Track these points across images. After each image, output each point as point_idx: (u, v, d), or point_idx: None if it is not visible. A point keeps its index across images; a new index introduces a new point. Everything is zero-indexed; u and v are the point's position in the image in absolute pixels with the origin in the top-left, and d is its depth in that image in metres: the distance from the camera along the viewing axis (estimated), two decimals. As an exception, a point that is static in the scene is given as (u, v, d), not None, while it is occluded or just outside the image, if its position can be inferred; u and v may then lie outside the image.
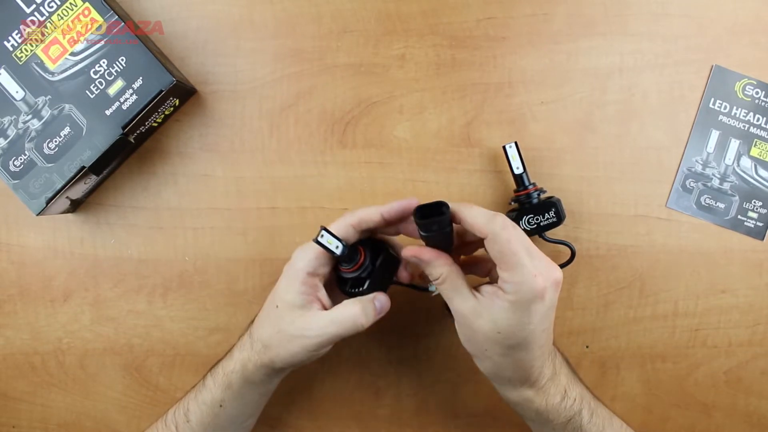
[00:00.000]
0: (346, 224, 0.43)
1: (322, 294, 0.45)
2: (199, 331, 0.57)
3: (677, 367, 0.56)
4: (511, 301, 0.39)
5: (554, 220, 0.53)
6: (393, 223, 0.44)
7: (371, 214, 0.43)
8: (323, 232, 0.41)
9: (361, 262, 0.44)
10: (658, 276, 0.56)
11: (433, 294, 0.49)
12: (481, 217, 0.40)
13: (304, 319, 0.43)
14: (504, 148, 0.53)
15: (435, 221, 0.39)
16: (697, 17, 0.56)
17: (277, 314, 0.44)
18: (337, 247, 0.42)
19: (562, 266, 0.55)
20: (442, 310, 0.56)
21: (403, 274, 0.48)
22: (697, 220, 0.56)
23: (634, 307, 0.56)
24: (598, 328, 0.56)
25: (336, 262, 0.45)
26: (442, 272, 0.42)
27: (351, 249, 0.43)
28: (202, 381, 0.48)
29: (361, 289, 0.45)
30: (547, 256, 0.41)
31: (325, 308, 0.45)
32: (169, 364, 0.57)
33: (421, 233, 0.42)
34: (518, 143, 0.52)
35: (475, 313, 0.41)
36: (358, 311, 0.43)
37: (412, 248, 0.43)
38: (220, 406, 0.46)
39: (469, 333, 0.42)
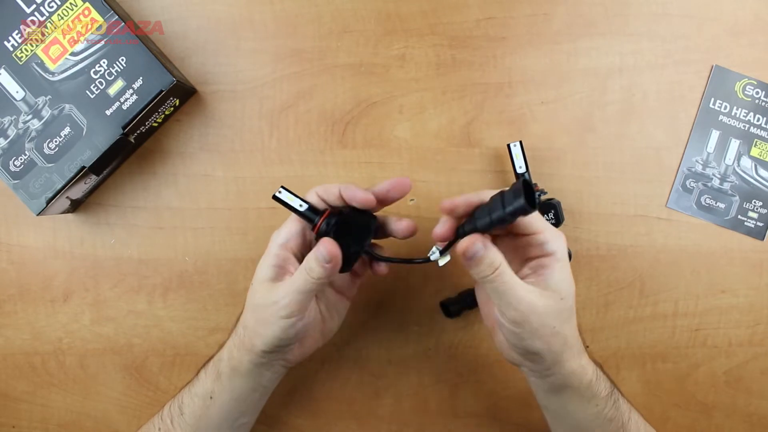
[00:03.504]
0: (312, 191, 0.45)
1: (294, 267, 0.45)
2: (199, 331, 0.57)
3: (677, 367, 0.56)
4: (561, 260, 0.42)
5: (553, 222, 0.53)
6: (347, 202, 0.44)
7: (331, 188, 0.45)
8: (281, 189, 0.44)
9: (326, 216, 0.44)
10: (658, 276, 0.56)
11: (439, 265, 0.44)
12: None
13: (275, 289, 0.43)
14: (508, 146, 0.53)
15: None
16: (697, 17, 0.56)
17: (252, 292, 0.45)
18: (300, 205, 0.44)
19: None
20: (440, 312, 0.56)
21: (399, 225, 0.45)
22: (697, 220, 0.56)
23: (634, 307, 0.56)
24: (598, 328, 0.56)
25: (314, 233, 0.45)
26: (500, 260, 0.40)
27: (319, 211, 0.44)
28: (196, 374, 0.48)
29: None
30: None
31: None
32: (169, 364, 0.57)
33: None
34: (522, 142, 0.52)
35: (538, 294, 0.40)
36: (308, 261, 0.42)
37: (464, 242, 0.40)
38: (211, 397, 0.46)
39: (534, 320, 0.40)
